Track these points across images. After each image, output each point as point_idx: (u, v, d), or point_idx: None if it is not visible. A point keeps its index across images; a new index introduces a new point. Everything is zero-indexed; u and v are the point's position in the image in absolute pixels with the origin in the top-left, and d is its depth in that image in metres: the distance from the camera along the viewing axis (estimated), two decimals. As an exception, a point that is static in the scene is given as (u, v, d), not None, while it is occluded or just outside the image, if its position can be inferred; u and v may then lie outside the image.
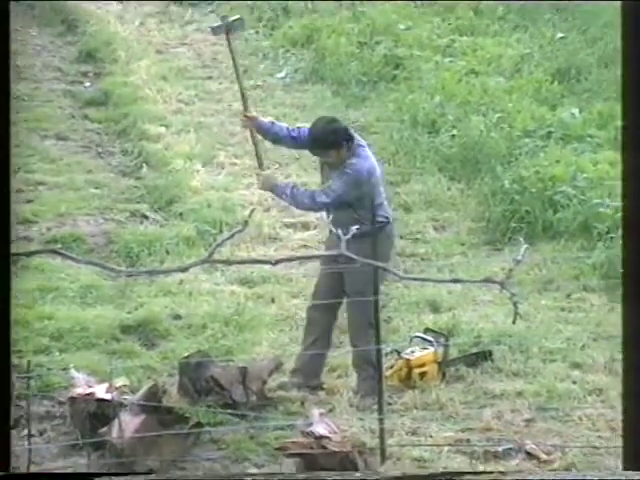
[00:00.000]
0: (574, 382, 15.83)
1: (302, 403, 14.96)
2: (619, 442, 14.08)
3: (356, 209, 15.38)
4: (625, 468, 9.37)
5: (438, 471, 12.52)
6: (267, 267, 16.63)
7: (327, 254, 15.68)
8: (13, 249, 15.69)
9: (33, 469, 13.29)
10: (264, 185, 16.26)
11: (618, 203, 17.74)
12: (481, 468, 14.16)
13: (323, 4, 24.34)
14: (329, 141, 15.58)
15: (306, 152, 17.13)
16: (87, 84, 22.34)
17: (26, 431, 13.74)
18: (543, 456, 14.57)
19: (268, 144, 16.92)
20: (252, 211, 16.89)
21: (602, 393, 15.71)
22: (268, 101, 21.57)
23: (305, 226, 16.85)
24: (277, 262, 13.95)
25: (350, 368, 15.62)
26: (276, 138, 16.21)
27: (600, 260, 17.98)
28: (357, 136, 16.04)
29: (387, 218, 15.64)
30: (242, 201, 18.40)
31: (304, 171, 19.07)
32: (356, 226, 13.02)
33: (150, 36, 23.83)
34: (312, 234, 17.49)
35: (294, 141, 16.25)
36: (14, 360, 14.29)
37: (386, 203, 15.85)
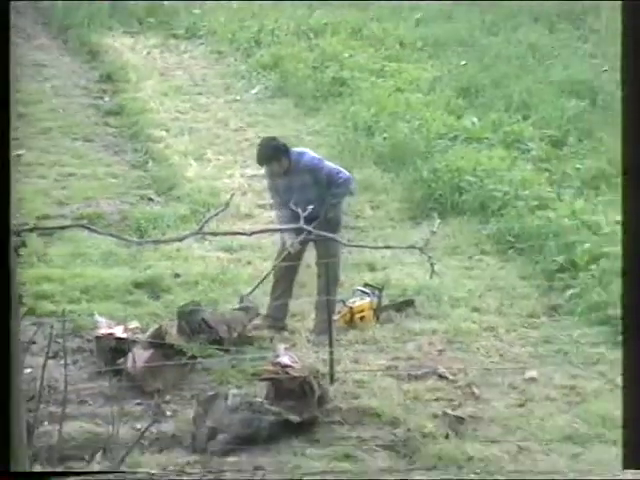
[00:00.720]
0: (474, 322, 16.03)
1: (271, 340, 15.17)
2: (507, 365, 14.98)
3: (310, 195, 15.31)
4: (625, 467, 8.39)
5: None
6: (244, 238, 16.90)
7: (290, 227, 15.37)
8: (51, 224, 16.36)
9: (70, 389, 12.87)
10: None
11: (507, 188, 18.56)
12: (405, 387, 14.37)
13: (286, 38, 24.67)
14: (269, 155, 15.66)
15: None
16: (106, 99, 22.59)
17: (63, 361, 13.34)
18: (451, 377, 14.69)
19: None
20: (232, 195, 16.70)
21: (494, 330, 15.88)
22: (245, 111, 21.74)
23: (273, 207, 16.66)
24: (252, 234, 14.75)
25: (307, 314, 15.73)
26: None
27: (493, 231, 18.11)
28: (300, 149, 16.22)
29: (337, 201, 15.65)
30: (225, 188, 18.58)
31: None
32: (311, 206, 13.90)
33: (155, 62, 24.06)
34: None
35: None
36: (52, 307, 15.40)
37: (345, 197, 16.01)
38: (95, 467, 12.29)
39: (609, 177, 18.52)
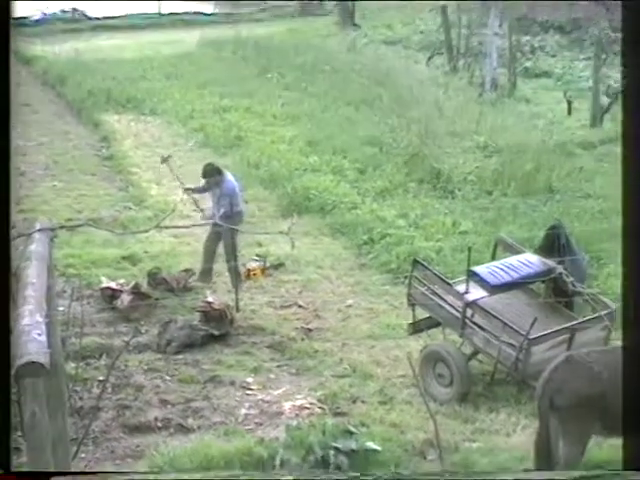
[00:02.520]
0: (317, 274, 15.65)
1: (202, 289, 14.58)
2: (336, 298, 14.72)
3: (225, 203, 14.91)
4: (625, 468, 6.48)
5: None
6: (184, 230, 16.45)
7: (209, 222, 14.78)
8: (71, 224, 16.15)
9: (85, 318, 12.96)
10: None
11: (334, 198, 18.08)
12: (279, 313, 14.24)
13: (207, 113, 23.92)
14: (210, 173, 15.15)
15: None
16: (104, 151, 22.00)
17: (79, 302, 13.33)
18: (305, 306, 14.57)
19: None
20: (175, 206, 16.13)
21: (329, 278, 15.57)
22: (184, 156, 21.02)
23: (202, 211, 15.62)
24: (190, 226, 14.82)
25: (224, 274, 15.09)
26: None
27: (328, 222, 17.45)
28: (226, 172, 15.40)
29: (240, 207, 15.16)
30: (173, 200, 17.75)
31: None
32: (223, 210, 14.12)
33: (131, 129, 23.37)
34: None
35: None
36: (74, 271, 14.97)
37: (241, 200, 15.32)
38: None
39: (391, 190, 18.23)
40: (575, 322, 12.00)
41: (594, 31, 25.13)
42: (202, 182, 15.45)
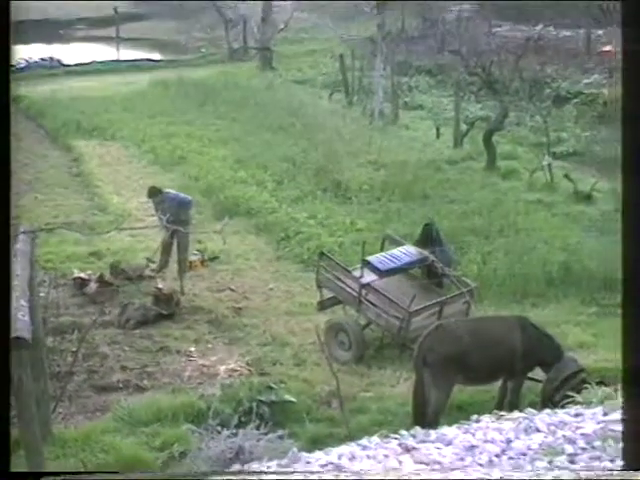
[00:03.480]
0: (245, 265, 15.46)
1: (154, 278, 14.20)
2: (260, 283, 14.60)
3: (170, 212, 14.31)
4: (625, 468, 5.08)
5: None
6: (139, 231, 16.07)
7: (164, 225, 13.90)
8: (49, 226, 16.01)
9: (60, 302, 13.01)
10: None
11: (259, 204, 17.77)
12: (215, 296, 14.03)
13: (159, 142, 23.02)
14: (152, 192, 14.91)
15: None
16: (74, 169, 21.54)
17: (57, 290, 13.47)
18: (235, 289, 14.36)
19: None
20: (130, 212, 16.19)
21: (255, 268, 15.42)
22: (137, 172, 20.81)
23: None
24: (143, 228, 14.62)
25: (172, 265, 14.63)
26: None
27: (255, 222, 17.20)
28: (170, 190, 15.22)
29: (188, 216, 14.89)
30: (131, 208, 17.92)
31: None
32: (167, 216, 13.88)
33: (97, 152, 22.86)
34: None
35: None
36: (51, 265, 14.67)
37: (190, 210, 15.03)
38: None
39: (303, 197, 18.00)
40: (443, 298, 12.18)
41: (454, 75, 25.43)
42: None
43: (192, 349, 12.20)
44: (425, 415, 9.40)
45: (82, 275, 14.31)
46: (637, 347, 5.22)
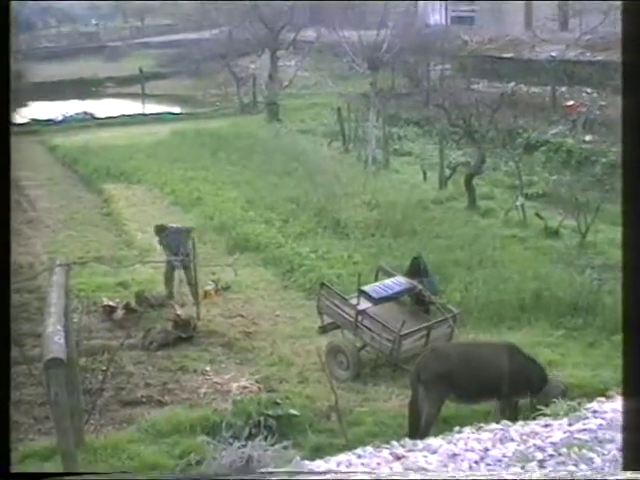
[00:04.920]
0: (255, 290, 15.50)
1: (174, 305, 14.15)
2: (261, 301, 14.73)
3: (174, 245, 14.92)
4: (625, 468, 4.82)
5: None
6: (160, 264, 15.33)
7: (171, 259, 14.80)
8: (82, 260, 16.04)
9: (92, 327, 13.12)
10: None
11: (266, 239, 17.71)
12: (228, 321, 13.92)
13: (179, 185, 22.90)
14: (158, 229, 15.21)
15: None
16: (104, 209, 21.47)
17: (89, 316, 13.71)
18: (245, 315, 14.28)
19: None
20: (153, 247, 15.98)
21: (257, 288, 15.53)
22: (160, 212, 20.52)
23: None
24: (164, 262, 14.35)
25: (189, 294, 14.69)
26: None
27: (263, 257, 17.04)
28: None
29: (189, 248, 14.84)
30: (152, 244, 16.88)
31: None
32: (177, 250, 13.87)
33: (125, 194, 22.63)
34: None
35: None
36: (84, 294, 14.55)
37: (190, 242, 14.92)
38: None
39: (306, 234, 17.94)
40: (430, 323, 12.15)
41: (438, 126, 25.52)
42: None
43: (207, 368, 12.19)
44: (418, 426, 9.39)
45: (110, 303, 14.33)
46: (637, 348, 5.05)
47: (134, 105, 39.33)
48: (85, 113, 35.71)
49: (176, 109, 38.89)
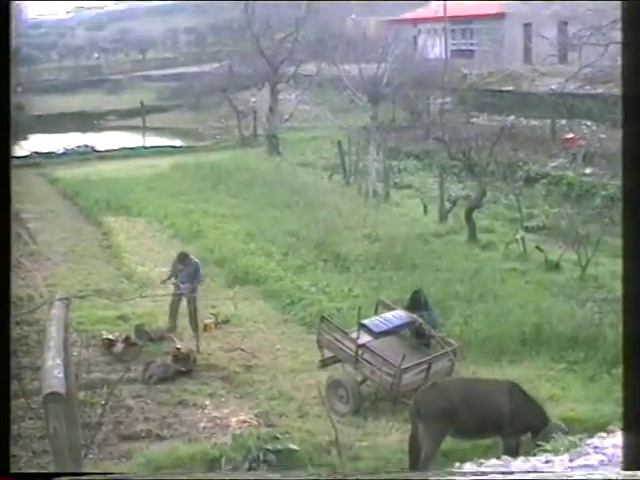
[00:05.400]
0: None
1: (173, 338, 14.08)
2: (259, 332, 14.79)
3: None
4: (625, 468, 4.79)
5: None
6: (164, 297, 15.11)
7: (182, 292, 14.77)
8: (82, 293, 16.10)
9: (92, 360, 13.00)
10: None
11: (266, 272, 17.76)
12: (228, 355, 13.90)
13: (181, 219, 22.82)
14: (181, 257, 15.16)
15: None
16: (104, 242, 21.42)
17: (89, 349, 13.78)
18: (245, 349, 14.27)
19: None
20: (153, 280, 16.24)
21: (257, 321, 15.52)
22: (160, 245, 20.75)
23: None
24: (164, 295, 14.44)
25: (189, 327, 14.69)
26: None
27: (263, 290, 17.03)
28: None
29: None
30: (153, 276, 17.48)
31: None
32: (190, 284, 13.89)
33: (124, 227, 22.61)
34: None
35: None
36: (83, 327, 14.48)
37: (200, 274, 15.08)
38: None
39: (306, 267, 17.96)
40: (430, 357, 12.16)
41: (438, 159, 25.66)
42: (170, 267, 15.38)
43: (207, 402, 12.17)
44: (418, 460, 9.37)
45: (110, 336, 14.33)
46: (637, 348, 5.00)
47: (135, 138, 39.50)
48: (86, 146, 35.81)
49: (177, 142, 39.07)
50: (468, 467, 5.67)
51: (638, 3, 5.22)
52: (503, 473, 5.46)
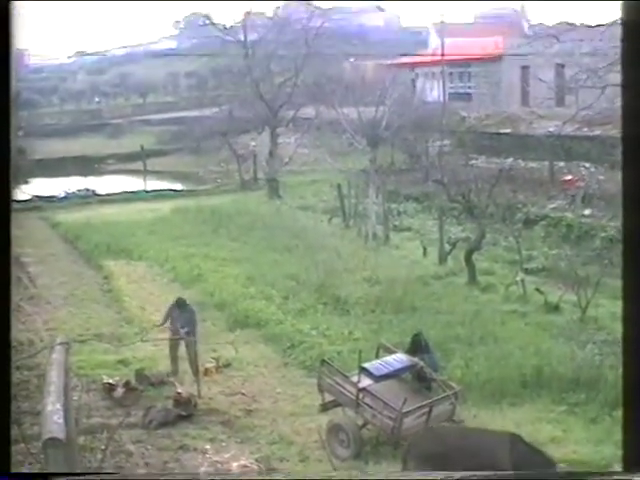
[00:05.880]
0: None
1: (174, 383, 14.20)
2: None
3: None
4: (625, 468, 4.96)
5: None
6: (165, 341, 15.46)
7: (180, 337, 14.90)
8: (82, 337, 16.06)
9: (92, 405, 13.11)
10: None
11: (266, 316, 17.72)
12: (229, 399, 13.87)
13: (179, 262, 23.04)
14: (179, 304, 15.21)
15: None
16: (105, 286, 21.47)
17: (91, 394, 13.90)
18: (245, 392, 14.26)
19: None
20: (153, 325, 16.04)
21: (257, 365, 15.46)
22: (160, 289, 20.68)
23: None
24: (164, 339, 14.42)
25: (189, 371, 14.78)
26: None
27: (264, 333, 16.98)
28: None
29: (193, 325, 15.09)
30: (152, 320, 17.11)
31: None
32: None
33: (125, 271, 22.68)
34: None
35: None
36: (83, 372, 14.49)
37: (196, 319, 15.11)
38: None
39: (306, 310, 17.97)
40: (432, 400, 12.16)
41: (438, 202, 25.83)
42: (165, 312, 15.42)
43: (208, 447, 12.14)
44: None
45: (110, 381, 14.31)
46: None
47: (136, 181, 39.68)
48: (87, 190, 36.09)
49: (177, 186, 39.32)
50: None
51: (637, 46, 5.35)
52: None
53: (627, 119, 5.25)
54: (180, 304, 15.36)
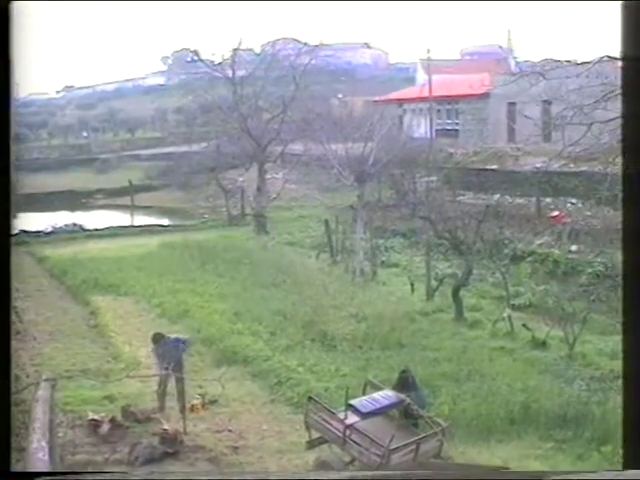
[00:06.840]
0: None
1: (160, 419, 14.16)
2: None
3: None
4: (625, 468, 4.88)
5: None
6: (151, 377, 15.41)
7: (166, 373, 14.58)
8: (68, 374, 15.91)
9: (77, 442, 13.00)
10: None
11: (253, 352, 17.67)
12: (216, 436, 13.86)
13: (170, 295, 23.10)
14: (156, 338, 15.13)
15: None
16: (91, 321, 21.26)
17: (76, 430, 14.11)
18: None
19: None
20: (140, 361, 16.15)
21: (251, 403, 15.41)
22: (146, 324, 20.45)
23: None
24: (152, 376, 14.29)
25: (176, 408, 14.56)
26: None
27: (251, 370, 16.91)
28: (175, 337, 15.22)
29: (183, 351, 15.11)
30: (140, 355, 17.61)
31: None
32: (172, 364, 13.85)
33: (114, 306, 22.53)
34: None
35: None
36: (70, 408, 14.41)
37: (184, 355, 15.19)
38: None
39: (293, 347, 17.97)
40: (419, 437, 12.16)
41: (425, 238, 25.95)
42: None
43: (194, 485, 12.10)
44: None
45: (96, 417, 14.24)
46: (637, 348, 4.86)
47: (123, 217, 39.83)
48: (74, 224, 36.13)
49: (165, 221, 39.40)
50: None
51: (636, 80, 5.36)
52: None
53: (628, 154, 5.29)
54: (158, 339, 15.26)
